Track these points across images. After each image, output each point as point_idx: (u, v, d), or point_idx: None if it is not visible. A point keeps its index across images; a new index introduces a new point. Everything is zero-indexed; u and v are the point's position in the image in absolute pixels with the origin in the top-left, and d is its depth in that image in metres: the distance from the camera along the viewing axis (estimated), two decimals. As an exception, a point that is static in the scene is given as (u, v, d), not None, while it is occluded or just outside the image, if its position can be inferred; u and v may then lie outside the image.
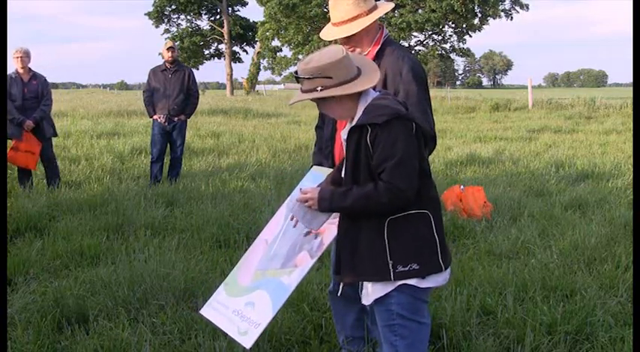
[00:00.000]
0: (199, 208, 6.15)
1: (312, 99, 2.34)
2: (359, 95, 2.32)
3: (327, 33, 2.87)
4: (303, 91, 2.34)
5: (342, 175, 2.38)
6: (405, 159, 2.18)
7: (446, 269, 2.35)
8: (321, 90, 2.27)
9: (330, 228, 2.65)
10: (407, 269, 2.26)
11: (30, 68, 7.23)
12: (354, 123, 2.29)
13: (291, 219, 2.62)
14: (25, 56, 7.13)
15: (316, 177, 2.81)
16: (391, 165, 2.17)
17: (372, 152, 2.21)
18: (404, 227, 2.26)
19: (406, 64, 2.79)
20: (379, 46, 2.86)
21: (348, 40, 2.81)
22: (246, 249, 4.85)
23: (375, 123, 2.19)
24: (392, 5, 2.96)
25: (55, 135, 7.61)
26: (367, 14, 2.78)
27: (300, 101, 2.36)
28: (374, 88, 2.37)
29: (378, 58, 2.83)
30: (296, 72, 2.34)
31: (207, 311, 2.83)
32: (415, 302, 2.34)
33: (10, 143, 7.13)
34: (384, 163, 2.19)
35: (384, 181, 2.19)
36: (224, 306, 2.75)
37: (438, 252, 2.31)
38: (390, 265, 2.26)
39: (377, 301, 2.36)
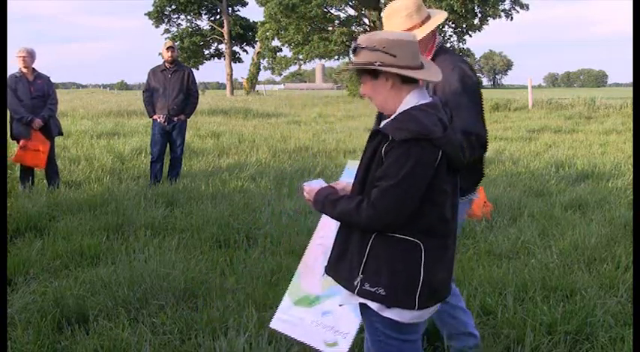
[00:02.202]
0: (199, 208, 6.15)
1: (360, 77, 2.18)
2: (408, 92, 2.15)
3: None
4: (356, 64, 2.15)
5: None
6: (403, 186, 2.00)
7: (420, 309, 2.12)
8: (379, 65, 2.09)
9: None
10: (372, 290, 2.10)
11: (34, 68, 7.28)
12: (379, 126, 2.16)
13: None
14: (28, 56, 7.17)
15: (352, 172, 2.77)
16: (385, 187, 2.02)
17: (383, 164, 2.07)
18: (388, 247, 2.10)
19: (456, 73, 2.79)
20: (431, 55, 2.85)
21: None
22: (246, 250, 4.90)
23: (394, 137, 2.03)
24: (445, 15, 2.92)
25: (61, 134, 7.68)
26: (421, 26, 2.79)
27: (350, 70, 2.19)
28: (435, 93, 2.24)
29: None
30: (354, 43, 2.17)
31: (278, 325, 2.79)
32: (401, 324, 2.16)
33: (11, 143, 7.16)
34: (381, 181, 2.04)
35: (371, 200, 2.05)
36: (297, 318, 2.72)
37: (418, 289, 2.09)
38: (359, 279, 2.12)
39: (362, 311, 2.23)
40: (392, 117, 2.16)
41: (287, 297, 2.83)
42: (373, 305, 2.13)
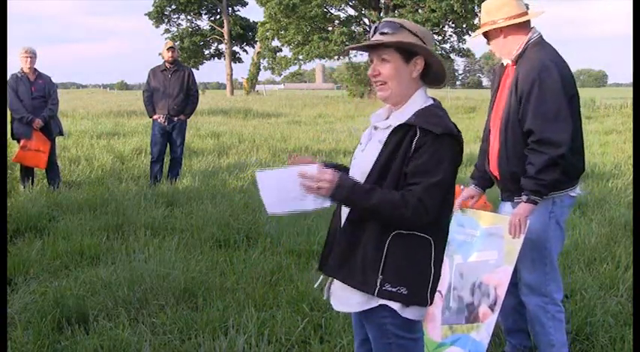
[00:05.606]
0: (199, 208, 6.15)
1: (382, 55, 2.10)
2: (420, 87, 2.15)
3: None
4: (396, 41, 2.08)
5: (351, 173, 2.17)
6: (444, 183, 2.02)
7: (430, 305, 2.14)
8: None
9: (502, 281, 2.82)
10: (394, 290, 2.05)
11: (35, 68, 7.30)
12: (403, 120, 2.07)
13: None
14: (34, 56, 7.23)
15: (462, 220, 3.08)
16: (430, 184, 1.99)
17: (411, 157, 2.01)
18: (406, 246, 2.06)
19: (537, 67, 2.73)
20: (519, 52, 2.84)
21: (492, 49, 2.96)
22: (246, 250, 4.89)
23: (429, 131, 2.00)
24: (539, 14, 2.90)
25: (61, 134, 7.68)
26: (493, 24, 2.87)
27: (392, 44, 2.07)
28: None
29: (516, 63, 2.83)
30: (392, 21, 2.11)
31: None
32: (410, 321, 2.13)
33: (12, 143, 7.17)
34: (423, 177, 1.99)
35: (415, 196, 1.98)
36: None
37: (429, 284, 2.10)
38: (379, 280, 2.05)
39: (366, 313, 2.16)
40: (413, 112, 2.10)
41: None
42: (395, 305, 2.07)
